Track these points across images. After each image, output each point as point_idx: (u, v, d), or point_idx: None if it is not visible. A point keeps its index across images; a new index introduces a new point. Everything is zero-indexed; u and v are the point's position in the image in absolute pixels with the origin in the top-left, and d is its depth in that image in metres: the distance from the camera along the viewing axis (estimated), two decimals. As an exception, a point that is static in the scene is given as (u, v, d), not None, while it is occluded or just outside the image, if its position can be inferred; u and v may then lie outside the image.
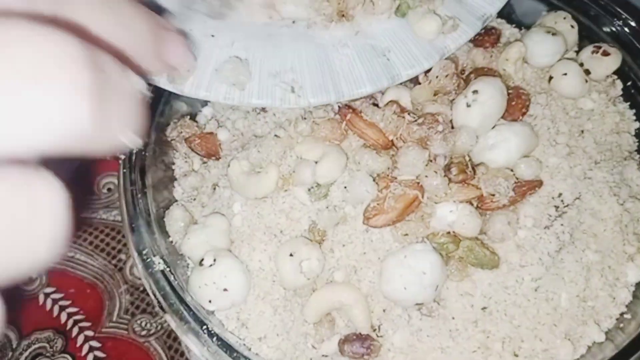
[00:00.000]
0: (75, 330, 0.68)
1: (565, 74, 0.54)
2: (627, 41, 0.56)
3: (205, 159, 0.55)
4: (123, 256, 0.73)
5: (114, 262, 0.73)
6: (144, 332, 0.68)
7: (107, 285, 0.72)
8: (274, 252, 0.48)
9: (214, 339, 0.44)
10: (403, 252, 0.46)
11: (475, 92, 0.48)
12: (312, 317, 0.47)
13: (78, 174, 0.75)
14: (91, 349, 0.67)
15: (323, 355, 0.47)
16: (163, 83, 0.49)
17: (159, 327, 0.68)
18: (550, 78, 0.54)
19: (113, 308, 0.70)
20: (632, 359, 0.42)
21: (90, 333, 0.69)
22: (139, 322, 0.69)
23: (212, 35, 0.52)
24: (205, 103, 0.60)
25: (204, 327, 0.44)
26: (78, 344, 0.68)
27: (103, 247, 0.74)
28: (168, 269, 0.47)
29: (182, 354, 0.67)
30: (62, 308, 0.70)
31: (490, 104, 0.48)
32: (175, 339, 0.68)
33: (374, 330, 0.48)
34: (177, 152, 0.56)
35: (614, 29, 0.57)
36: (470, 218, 0.46)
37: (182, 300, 0.45)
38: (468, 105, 0.48)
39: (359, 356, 0.47)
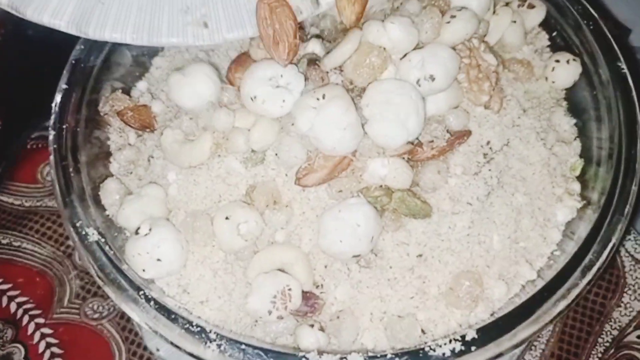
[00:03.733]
0: (25, 319, 0.67)
1: (514, 22, 0.54)
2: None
3: (140, 132, 0.55)
4: (72, 242, 0.72)
5: (62, 248, 0.72)
6: (96, 315, 0.68)
7: (57, 272, 0.71)
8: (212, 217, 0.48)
9: (152, 303, 0.44)
10: (338, 207, 0.46)
11: None
12: (255, 278, 0.48)
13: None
14: (43, 336, 0.67)
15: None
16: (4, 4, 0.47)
17: (112, 309, 0.68)
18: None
19: (64, 294, 0.69)
20: (560, 291, 0.44)
21: (41, 320, 0.68)
22: (90, 305, 0.68)
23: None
24: (139, 77, 0.59)
25: (141, 292, 0.44)
26: (29, 332, 0.67)
27: (50, 234, 0.73)
28: (103, 240, 0.46)
29: (137, 334, 0.66)
30: (10, 298, 0.69)
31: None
32: (129, 319, 0.67)
33: (317, 287, 0.48)
34: (111, 127, 0.56)
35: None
36: (401, 171, 0.47)
37: (118, 269, 0.45)
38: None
39: (302, 314, 0.48)
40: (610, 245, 0.45)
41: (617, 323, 0.65)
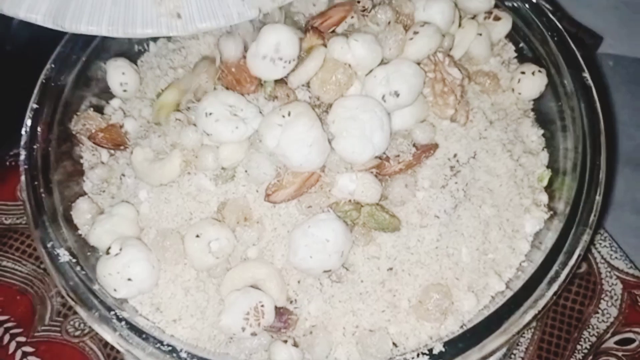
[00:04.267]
0: (6, 338, 0.67)
1: (480, 34, 0.55)
2: (517, 5, 0.58)
3: (112, 151, 0.55)
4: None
5: (43, 266, 0.72)
6: (77, 333, 0.68)
7: (38, 290, 0.71)
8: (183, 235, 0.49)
9: (123, 323, 0.44)
10: (307, 223, 0.47)
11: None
12: (228, 295, 0.48)
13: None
14: (24, 354, 0.66)
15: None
16: None
17: (93, 327, 0.68)
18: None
19: (45, 312, 0.69)
20: (527, 302, 0.44)
21: (22, 339, 0.68)
22: (72, 323, 0.68)
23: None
24: (112, 96, 0.60)
25: (113, 313, 0.44)
26: (10, 351, 0.67)
27: (31, 252, 0.73)
28: (74, 261, 0.47)
29: (119, 352, 0.66)
30: (-9, 317, 0.69)
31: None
32: (110, 336, 0.67)
33: (291, 302, 0.49)
34: (83, 145, 0.56)
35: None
36: (369, 185, 0.48)
37: (89, 290, 0.45)
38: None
39: (276, 330, 0.48)
40: (576, 255, 0.46)
41: (595, 329, 0.66)
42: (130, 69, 0.58)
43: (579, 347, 0.65)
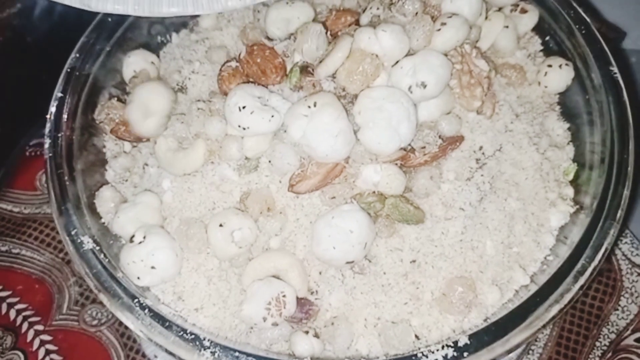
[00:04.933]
0: (25, 326, 0.68)
1: (507, 27, 0.55)
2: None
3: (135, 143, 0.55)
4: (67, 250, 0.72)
5: (61, 255, 0.72)
6: (95, 322, 0.68)
7: (56, 279, 0.71)
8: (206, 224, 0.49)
9: (146, 311, 0.44)
10: (331, 214, 0.47)
11: None
12: (250, 284, 0.48)
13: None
14: (42, 343, 0.67)
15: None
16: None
17: (110, 316, 0.68)
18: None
19: (62, 301, 0.70)
20: (552, 296, 0.44)
21: (40, 327, 0.68)
22: (89, 312, 0.69)
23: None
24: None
25: (136, 300, 0.44)
26: (28, 339, 0.67)
27: (49, 241, 0.73)
28: (98, 248, 0.47)
29: (135, 341, 0.67)
30: (10, 305, 0.69)
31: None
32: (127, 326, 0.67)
33: (312, 293, 0.49)
34: (106, 134, 0.56)
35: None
36: (394, 177, 0.47)
37: (113, 277, 0.45)
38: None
39: (297, 320, 0.48)
40: (603, 249, 0.45)
41: (614, 326, 0.65)
42: (144, 64, 0.58)
43: (597, 344, 0.64)
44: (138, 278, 0.46)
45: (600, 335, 0.65)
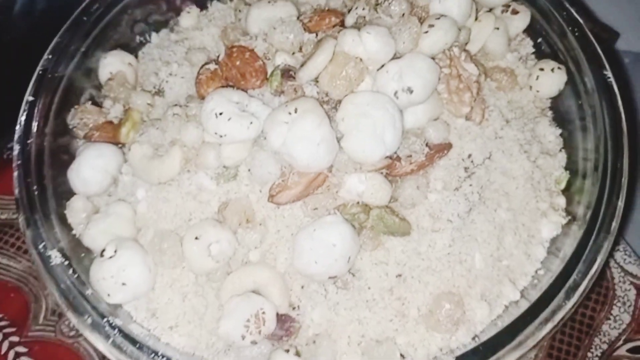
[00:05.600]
0: (-1, 337, 0.66)
1: (498, 29, 0.53)
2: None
3: (110, 148, 0.53)
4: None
5: (38, 262, 0.70)
6: (72, 333, 0.65)
7: (32, 288, 0.68)
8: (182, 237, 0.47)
9: (116, 331, 0.42)
10: (313, 226, 0.45)
11: None
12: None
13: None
14: (17, 355, 0.64)
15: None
16: None
17: (88, 326, 0.66)
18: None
19: (39, 310, 0.67)
20: (543, 314, 0.42)
21: (15, 339, 0.66)
22: (66, 323, 0.66)
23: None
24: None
25: (105, 320, 0.42)
26: (3, 351, 0.65)
27: (26, 248, 0.71)
28: (67, 263, 0.44)
29: (114, 352, 0.64)
30: (-16, 315, 0.67)
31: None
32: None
33: (294, 308, 0.47)
34: (80, 140, 0.53)
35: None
36: (379, 187, 0.45)
37: (82, 294, 0.43)
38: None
39: (278, 338, 0.46)
40: (596, 264, 0.44)
41: (606, 336, 0.63)
42: (120, 65, 0.55)
43: (589, 354, 0.63)
44: (108, 295, 0.44)
45: (592, 346, 0.63)
